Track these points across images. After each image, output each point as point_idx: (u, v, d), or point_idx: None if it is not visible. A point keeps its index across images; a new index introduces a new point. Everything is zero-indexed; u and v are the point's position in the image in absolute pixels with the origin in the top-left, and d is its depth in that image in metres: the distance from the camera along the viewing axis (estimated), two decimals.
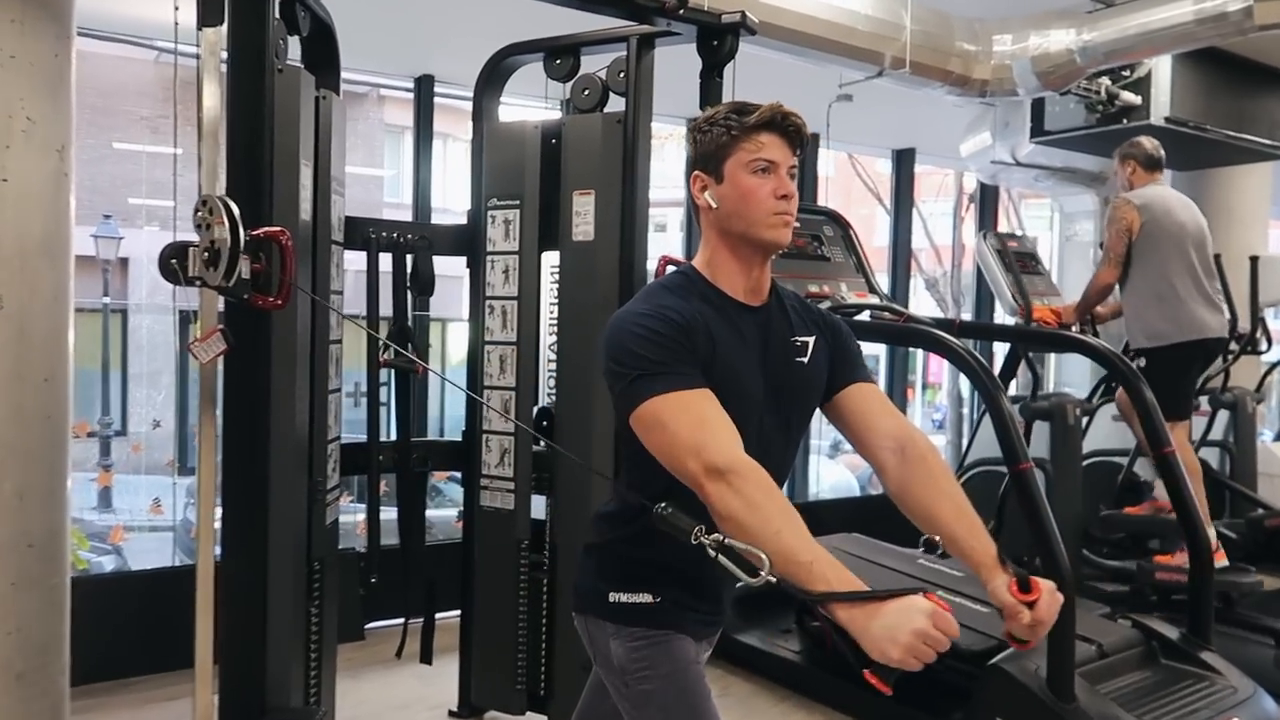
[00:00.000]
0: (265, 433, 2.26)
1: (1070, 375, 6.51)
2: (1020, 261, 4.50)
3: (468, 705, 3.04)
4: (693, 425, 1.34)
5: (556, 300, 2.95)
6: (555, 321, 2.98)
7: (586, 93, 2.85)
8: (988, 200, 7.84)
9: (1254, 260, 4.93)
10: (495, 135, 2.97)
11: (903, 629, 1.13)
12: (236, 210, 1.89)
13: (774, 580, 1.18)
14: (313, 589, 2.52)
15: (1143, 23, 3.49)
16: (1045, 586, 1.36)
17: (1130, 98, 4.51)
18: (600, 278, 2.79)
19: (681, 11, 2.63)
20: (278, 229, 2.07)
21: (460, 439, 3.04)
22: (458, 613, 3.06)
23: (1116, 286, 3.89)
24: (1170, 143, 4.14)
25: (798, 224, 3.55)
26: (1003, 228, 8.51)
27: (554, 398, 2.94)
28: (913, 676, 1.20)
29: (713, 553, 1.24)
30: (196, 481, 2.13)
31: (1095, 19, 3.65)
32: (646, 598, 1.52)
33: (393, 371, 2.90)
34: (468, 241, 3.00)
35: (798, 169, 1.51)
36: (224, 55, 2.14)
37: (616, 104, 2.81)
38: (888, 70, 3.67)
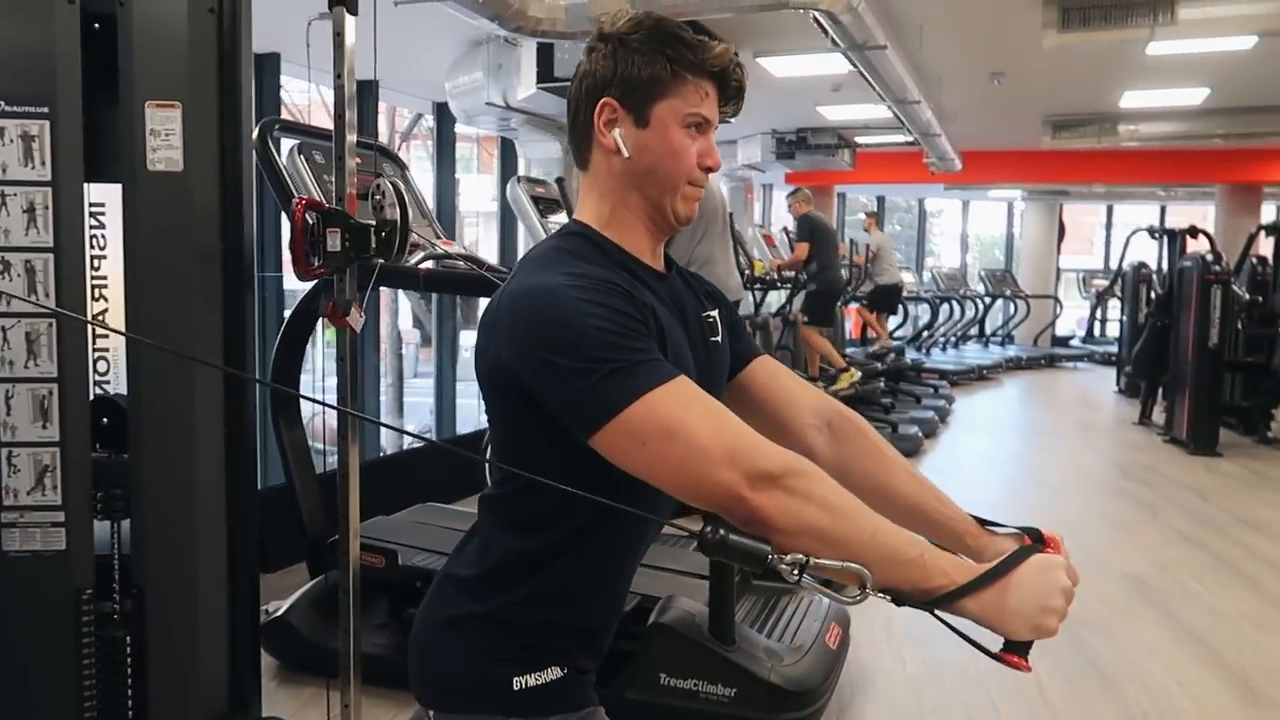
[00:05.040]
0: None
1: None
2: (549, 206, 4.52)
3: None
4: (710, 426, 1.00)
5: (107, 252, 2.12)
6: (104, 280, 2.16)
7: None
8: (445, 141, 7.79)
9: None
10: None
11: (1052, 594, 0.97)
12: None
13: (885, 597, 0.96)
14: None
15: None
16: (1055, 536, 1.19)
17: None
18: (196, 222, 2.06)
19: None
20: None
21: None
22: None
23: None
24: None
25: (357, 160, 3.06)
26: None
27: (122, 386, 2.13)
28: None
29: (795, 576, 0.95)
30: None
31: None
32: (556, 672, 1.14)
33: None
34: None
35: None
36: None
37: None
38: None
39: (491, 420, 1.16)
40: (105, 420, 2.13)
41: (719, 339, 1.26)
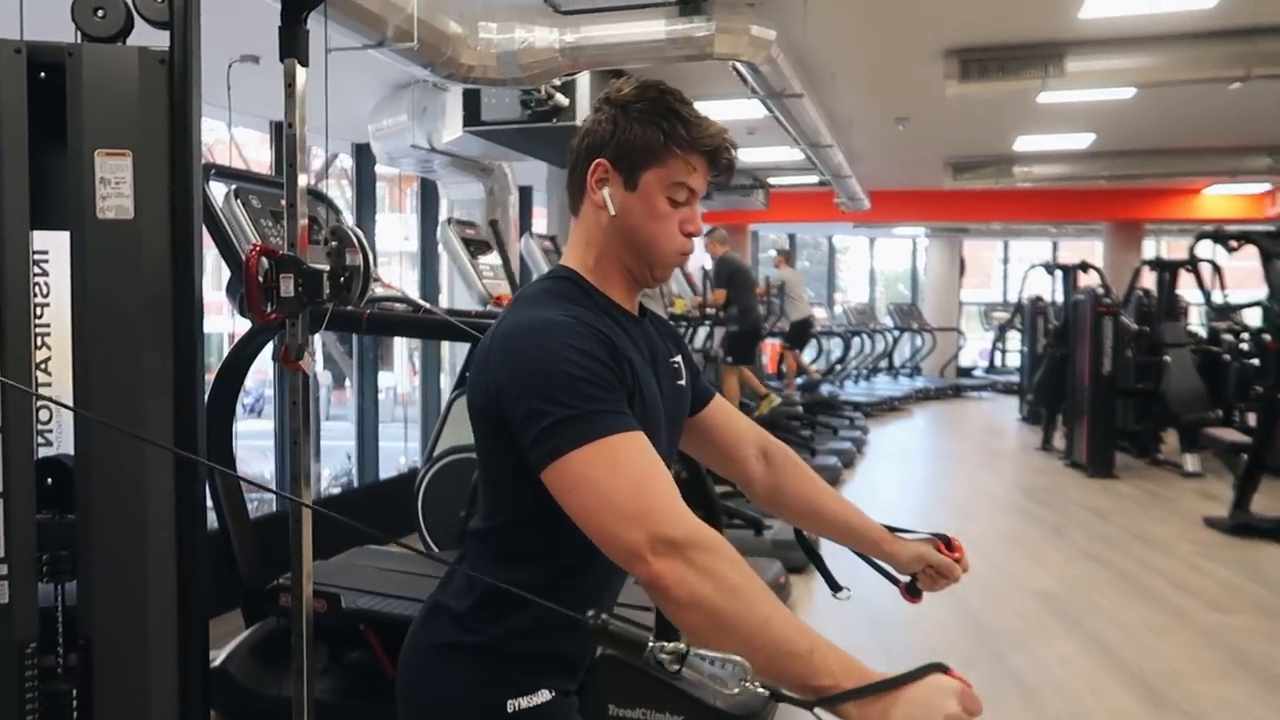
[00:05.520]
0: None
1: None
2: (479, 248, 4.58)
3: None
4: (633, 483, 1.04)
5: (51, 302, 2.12)
6: (49, 331, 2.15)
7: (101, 14, 2.07)
8: (364, 182, 7.80)
9: None
10: None
11: (934, 717, 0.93)
12: None
13: (763, 691, 0.96)
14: None
15: (623, 33, 3.80)
16: (959, 543, 1.45)
17: (562, 99, 4.87)
18: (147, 269, 2.07)
19: None
20: None
21: None
22: None
23: None
24: None
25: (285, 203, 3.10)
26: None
27: (70, 444, 2.11)
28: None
29: (675, 668, 0.97)
30: None
31: (577, 22, 3.85)
32: (545, 695, 1.21)
33: None
34: None
35: None
36: None
37: (143, 36, 2.11)
38: (390, 41, 3.39)
39: (479, 454, 1.23)
40: (50, 480, 2.11)
41: (684, 383, 1.36)
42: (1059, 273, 9.94)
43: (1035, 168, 10.26)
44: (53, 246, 2.18)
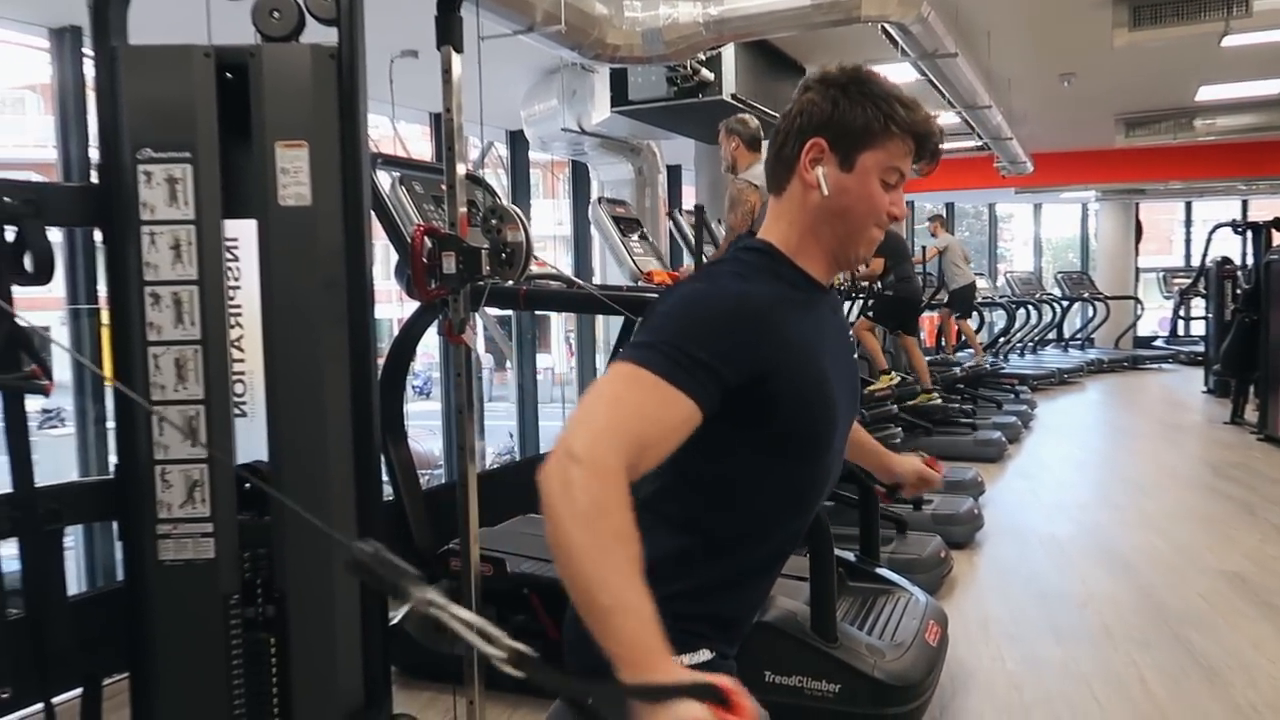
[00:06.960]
0: None
1: None
2: (629, 226, 4.65)
3: None
4: (614, 405, 1.05)
5: (241, 284, 2.30)
6: (240, 312, 2.34)
7: (277, 15, 2.23)
8: (519, 168, 8.03)
9: None
10: (140, 62, 2.18)
11: None
12: None
13: (517, 672, 0.94)
14: None
15: (767, 2, 3.77)
16: (936, 461, 1.74)
17: (707, 74, 4.87)
18: (322, 254, 2.22)
19: None
20: None
21: (113, 477, 2.24)
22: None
23: None
24: (724, 115, 4.54)
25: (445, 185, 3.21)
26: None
27: (256, 406, 2.30)
28: None
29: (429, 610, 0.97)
30: None
31: None
32: (706, 655, 1.25)
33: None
34: (102, 207, 2.20)
35: None
36: None
37: (312, 34, 2.26)
38: (538, 26, 3.48)
39: None
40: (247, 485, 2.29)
41: (856, 355, 1.38)
42: (1248, 232, 9.16)
43: (1220, 119, 9.48)
44: (241, 234, 2.39)
